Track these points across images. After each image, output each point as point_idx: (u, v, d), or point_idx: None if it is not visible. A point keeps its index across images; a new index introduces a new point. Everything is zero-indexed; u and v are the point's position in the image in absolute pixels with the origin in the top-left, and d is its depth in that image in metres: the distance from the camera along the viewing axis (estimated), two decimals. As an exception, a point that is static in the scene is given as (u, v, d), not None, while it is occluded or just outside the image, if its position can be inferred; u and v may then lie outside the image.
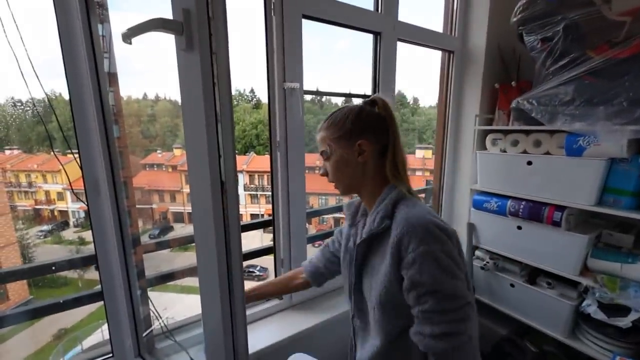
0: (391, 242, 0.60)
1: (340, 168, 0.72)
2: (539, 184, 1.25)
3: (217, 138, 0.48)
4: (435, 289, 0.55)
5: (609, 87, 1.03)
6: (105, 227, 0.91)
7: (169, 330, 1.03)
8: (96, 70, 0.81)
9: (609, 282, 1.09)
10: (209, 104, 0.47)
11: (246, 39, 1.00)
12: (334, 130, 0.72)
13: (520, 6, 1.22)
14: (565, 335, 1.23)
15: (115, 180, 0.89)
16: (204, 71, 0.46)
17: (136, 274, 0.97)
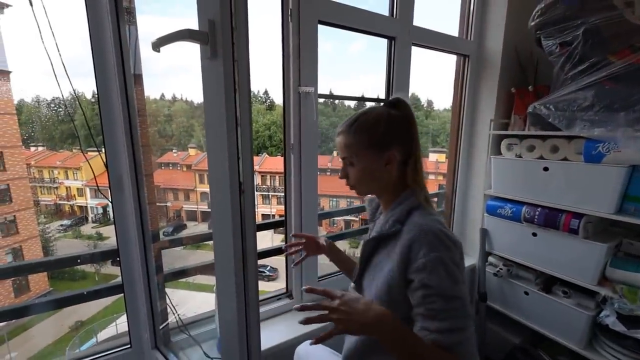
0: (401, 245, 0.64)
1: (365, 175, 0.71)
2: (556, 190, 1.22)
3: (236, 141, 0.51)
4: (443, 292, 0.58)
5: (631, 93, 1.00)
6: (127, 222, 0.95)
7: (184, 325, 1.07)
8: (123, 71, 0.86)
9: (629, 292, 1.06)
10: (230, 108, 0.49)
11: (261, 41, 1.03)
12: (362, 138, 0.69)
13: (539, 10, 1.21)
14: (581, 347, 1.20)
15: (137, 177, 0.93)
16: (226, 78, 0.48)
17: (155, 269, 1.01)
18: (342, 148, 0.73)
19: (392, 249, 0.66)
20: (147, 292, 0.98)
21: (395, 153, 0.69)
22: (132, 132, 0.90)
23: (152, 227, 1.00)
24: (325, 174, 10.39)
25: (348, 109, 11.67)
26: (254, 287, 0.62)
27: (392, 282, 0.64)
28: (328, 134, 11.40)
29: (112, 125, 0.88)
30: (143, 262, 0.97)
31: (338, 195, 9.36)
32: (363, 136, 0.69)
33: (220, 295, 0.68)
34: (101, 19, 0.82)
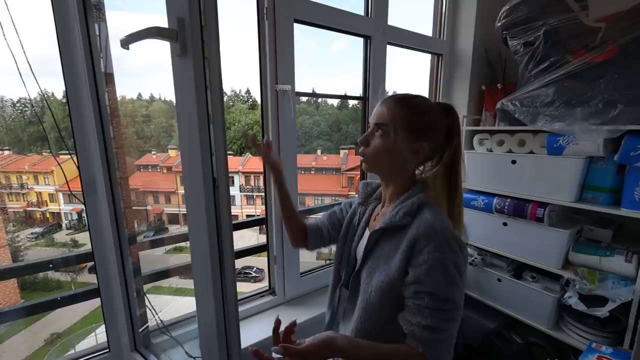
0: (408, 238, 0.64)
1: (387, 152, 0.69)
2: (523, 181, 1.30)
3: (209, 137, 0.51)
4: (434, 292, 0.60)
5: (586, 90, 1.08)
6: (102, 225, 0.93)
7: (165, 326, 1.06)
8: (93, 70, 0.84)
9: (589, 274, 1.14)
10: (201, 105, 0.50)
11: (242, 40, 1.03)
12: (409, 117, 0.67)
13: (504, 12, 1.28)
14: (549, 327, 1.28)
15: (112, 179, 0.91)
16: (197, 76, 0.49)
17: (132, 272, 0.99)
18: (382, 115, 0.69)
19: (400, 241, 0.65)
20: (125, 295, 0.97)
21: (425, 147, 0.68)
22: (105, 132, 0.88)
23: (128, 229, 0.99)
24: (310, 173, 10.41)
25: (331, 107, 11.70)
26: (231, 285, 0.63)
27: (396, 276, 0.64)
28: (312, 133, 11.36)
29: (83, 126, 0.86)
30: (119, 265, 0.95)
31: (324, 193, 9.40)
32: (411, 116, 0.67)
33: (198, 295, 0.69)
34: (68, 15, 0.80)
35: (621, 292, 1.06)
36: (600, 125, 1.03)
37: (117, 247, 0.95)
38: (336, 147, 10.50)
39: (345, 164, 9.64)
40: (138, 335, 1.00)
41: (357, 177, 1.71)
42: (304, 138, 10.96)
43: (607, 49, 1.03)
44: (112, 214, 0.92)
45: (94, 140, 0.87)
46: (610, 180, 1.11)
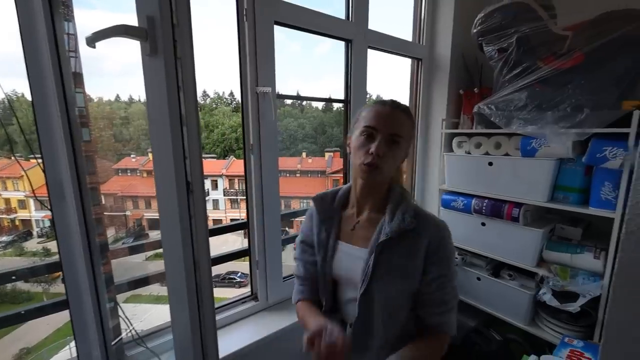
0: (425, 240, 0.67)
1: (395, 161, 0.70)
2: (500, 183, 1.34)
3: (182, 140, 0.50)
4: (451, 279, 0.70)
5: (556, 94, 1.13)
6: (71, 232, 0.88)
7: (140, 337, 1.01)
8: (60, 69, 0.80)
9: (561, 271, 1.18)
10: (173, 107, 0.48)
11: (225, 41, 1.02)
12: (411, 125, 0.71)
13: (480, 19, 1.32)
14: (526, 323, 1.32)
15: (81, 185, 0.87)
16: (168, 76, 0.47)
17: (104, 282, 0.94)
18: (400, 125, 0.69)
19: (413, 244, 0.67)
20: (96, 307, 0.92)
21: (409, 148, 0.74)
22: (73, 135, 0.83)
23: (100, 236, 0.94)
24: (295, 176, 10.37)
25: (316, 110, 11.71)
26: (208, 293, 0.61)
27: (417, 276, 0.67)
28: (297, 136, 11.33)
29: (49, 128, 0.81)
30: (90, 274, 0.90)
31: (309, 196, 9.38)
32: (411, 125, 0.72)
33: (172, 304, 0.66)
34: (33, 11, 0.75)
35: (591, 287, 1.11)
36: (569, 128, 1.08)
37: (88, 255, 0.90)
38: (321, 150, 10.52)
39: (330, 166, 9.67)
40: (110, 349, 0.95)
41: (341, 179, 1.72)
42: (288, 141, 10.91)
43: (573, 56, 1.08)
44: (82, 220, 0.87)
45: (61, 143, 0.82)
46: (579, 180, 1.16)
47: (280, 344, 1.20)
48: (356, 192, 0.75)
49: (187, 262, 0.56)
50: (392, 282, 0.67)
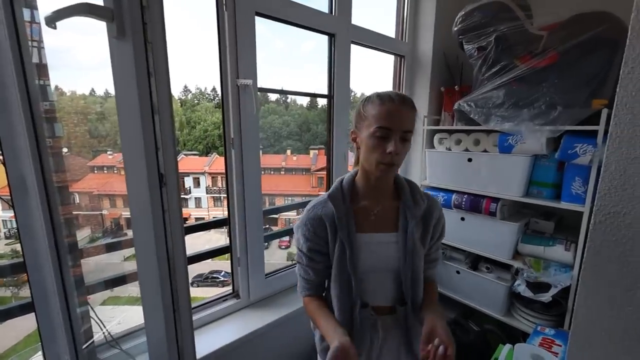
0: (434, 213, 0.81)
1: (407, 152, 0.75)
2: (478, 178, 1.37)
3: (153, 130, 0.47)
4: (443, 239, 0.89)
5: (531, 92, 1.17)
6: (35, 232, 0.82)
7: (114, 339, 0.97)
8: (21, 59, 0.74)
9: (535, 263, 1.23)
10: (144, 94, 0.46)
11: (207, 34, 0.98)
12: (415, 117, 0.73)
13: (460, 17, 1.34)
14: (502, 314, 1.37)
15: (47, 182, 0.81)
16: (137, 60, 0.45)
17: (73, 283, 0.89)
18: (408, 121, 0.70)
19: (428, 219, 0.80)
20: (65, 309, 0.87)
21: None
22: (37, 130, 0.78)
23: (69, 238, 0.89)
24: (280, 174, 10.28)
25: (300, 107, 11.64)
26: (184, 293, 0.59)
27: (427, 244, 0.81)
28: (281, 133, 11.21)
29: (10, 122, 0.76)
30: (58, 277, 0.85)
31: (293, 194, 9.34)
32: (416, 116, 0.73)
33: (146, 306, 0.63)
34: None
35: (562, 278, 1.16)
36: (543, 125, 1.12)
37: (55, 256, 0.84)
38: (306, 148, 10.48)
39: (315, 164, 9.66)
40: (81, 352, 0.90)
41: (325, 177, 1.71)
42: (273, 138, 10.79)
43: (548, 56, 1.12)
44: (48, 220, 0.82)
45: (23, 138, 0.76)
46: (552, 176, 1.21)
47: (263, 341, 1.19)
48: (370, 186, 0.79)
49: (160, 259, 0.54)
50: (420, 253, 0.79)
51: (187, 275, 0.58)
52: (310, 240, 0.77)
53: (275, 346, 1.25)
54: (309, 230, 0.77)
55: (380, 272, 0.78)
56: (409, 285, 0.77)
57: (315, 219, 0.77)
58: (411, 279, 0.77)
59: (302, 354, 1.37)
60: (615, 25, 1.02)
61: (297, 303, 1.28)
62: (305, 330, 0.77)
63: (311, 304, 0.80)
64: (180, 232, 0.55)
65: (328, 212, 0.76)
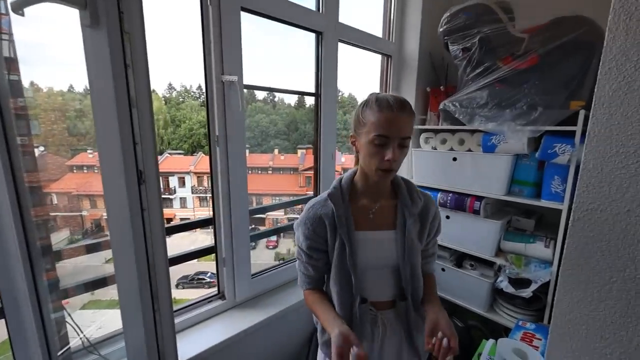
0: (430, 212, 0.83)
1: (405, 155, 0.76)
2: (463, 177, 1.40)
3: (131, 124, 0.45)
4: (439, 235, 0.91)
5: (513, 93, 1.20)
6: (5, 235, 0.78)
7: (92, 345, 0.93)
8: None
9: (516, 260, 1.27)
10: (120, 86, 0.43)
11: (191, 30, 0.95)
12: (413, 121, 0.74)
13: (445, 18, 1.36)
14: (485, 310, 1.40)
15: (17, 183, 0.76)
16: (113, 51, 0.42)
17: (47, 287, 0.85)
18: (406, 128, 0.70)
19: (424, 216, 0.82)
20: (38, 314, 0.82)
21: None
22: (6, 127, 0.73)
23: (43, 240, 0.84)
24: (267, 173, 10.20)
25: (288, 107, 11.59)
26: (165, 295, 0.57)
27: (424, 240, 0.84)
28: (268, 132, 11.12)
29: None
30: (30, 280, 0.80)
31: (281, 193, 9.28)
32: (414, 119, 0.74)
33: (124, 308, 0.60)
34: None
35: (542, 274, 1.20)
36: (524, 125, 1.15)
37: (27, 259, 0.80)
38: (293, 147, 10.44)
39: (303, 163, 9.64)
40: (56, 359, 0.86)
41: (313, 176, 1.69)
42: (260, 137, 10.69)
43: (529, 58, 1.15)
44: (19, 221, 0.77)
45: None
46: (532, 175, 1.25)
47: (249, 342, 1.17)
48: (368, 186, 0.81)
49: (139, 261, 0.52)
50: (418, 249, 0.81)
51: (169, 276, 0.56)
52: (310, 239, 0.79)
53: (262, 347, 1.24)
54: (309, 229, 0.79)
55: (380, 268, 0.80)
56: (409, 281, 0.79)
57: (315, 218, 0.78)
58: (410, 275, 0.79)
59: (290, 354, 1.35)
60: (592, 29, 1.06)
61: (284, 303, 1.27)
62: (293, 330, 0.77)
63: (311, 296, 0.83)
64: (161, 232, 0.53)
65: (327, 211, 0.78)
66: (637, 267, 0.50)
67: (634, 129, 0.48)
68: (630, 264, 0.50)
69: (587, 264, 0.55)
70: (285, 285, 1.41)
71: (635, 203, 0.48)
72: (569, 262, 0.57)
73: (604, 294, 0.54)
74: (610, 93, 0.49)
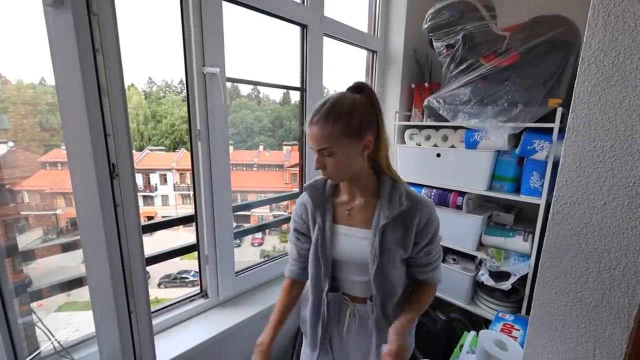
0: (417, 217, 0.76)
1: (345, 165, 0.72)
2: (446, 173, 1.42)
3: (101, 113, 0.42)
4: (437, 244, 0.82)
5: (495, 90, 1.22)
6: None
7: (64, 349, 0.88)
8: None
9: (497, 253, 1.30)
10: (88, 73, 0.40)
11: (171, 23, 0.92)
12: (341, 127, 0.69)
13: (430, 15, 1.37)
14: (466, 303, 1.43)
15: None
16: (80, 35, 0.39)
17: (13, 290, 0.79)
18: (320, 139, 0.70)
19: (406, 222, 0.76)
20: (3, 319, 0.77)
21: (370, 139, 0.72)
22: None
23: (8, 239, 0.78)
24: (252, 170, 10.06)
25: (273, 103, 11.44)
26: (142, 295, 0.54)
27: (409, 248, 0.78)
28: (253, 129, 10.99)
29: None
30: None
31: (266, 190, 9.19)
32: (341, 125, 0.69)
33: (96, 311, 0.57)
34: None
35: (520, 267, 1.24)
36: (505, 122, 1.18)
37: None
38: (279, 144, 10.34)
39: (289, 160, 9.57)
40: (25, 365, 0.81)
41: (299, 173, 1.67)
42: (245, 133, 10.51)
43: (510, 55, 1.17)
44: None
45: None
46: (512, 171, 1.28)
47: (232, 341, 1.14)
48: (344, 184, 0.82)
49: (112, 259, 0.49)
50: (395, 254, 0.77)
51: (145, 275, 0.53)
52: (297, 222, 0.86)
53: (246, 346, 1.22)
54: (297, 213, 0.86)
55: (352, 264, 0.80)
56: (377, 283, 0.77)
57: (302, 203, 0.84)
58: (380, 278, 0.77)
59: (275, 352, 1.34)
60: (570, 28, 1.09)
61: (269, 301, 1.25)
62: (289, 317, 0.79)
63: (283, 289, 0.88)
64: (137, 229, 0.50)
65: None
66: (612, 258, 0.51)
67: (610, 125, 0.49)
68: (606, 255, 0.52)
69: (565, 256, 0.56)
70: (271, 282, 1.39)
71: (611, 196, 0.50)
72: (548, 254, 0.59)
73: (580, 284, 0.55)
74: (589, 89, 0.50)
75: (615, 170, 0.49)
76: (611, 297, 0.52)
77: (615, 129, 0.49)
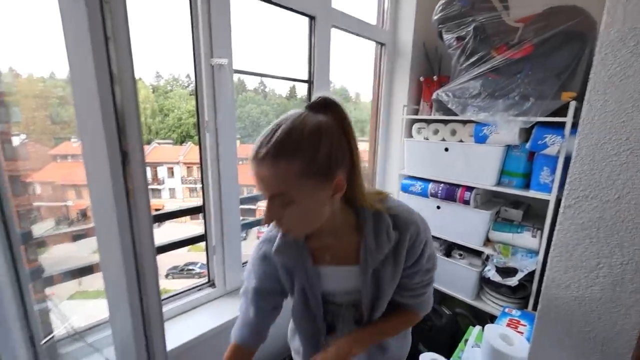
0: (405, 243, 0.63)
1: (308, 214, 0.54)
2: (454, 168, 1.41)
3: (113, 102, 0.42)
4: (427, 267, 0.68)
5: (506, 83, 1.20)
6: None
7: (78, 333, 0.91)
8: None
9: (504, 249, 1.29)
10: (100, 61, 0.41)
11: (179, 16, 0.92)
12: (299, 165, 0.49)
13: (440, 6, 1.34)
14: (472, 298, 1.43)
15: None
16: (92, 22, 0.39)
17: (28, 275, 0.82)
18: (270, 182, 0.50)
19: (397, 250, 0.63)
20: (20, 303, 0.80)
21: (342, 177, 0.54)
22: None
23: (20, 226, 0.81)
24: (258, 163, 10.10)
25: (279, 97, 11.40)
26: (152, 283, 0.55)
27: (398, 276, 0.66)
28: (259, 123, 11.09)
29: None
30: (10, 267, 0.78)
31: (272, 184, 9.22)
32: (301, 163, 0.49)
33: (110, 297, 0.59)
34: None
35: (528, 263, 1.23)
36: (516, 116, 1.16)
37: (7, 247, 0.77)
38: (285, 137, 10.34)
39: (295, 154, 9.56)
40: (40, 347, 0.84)
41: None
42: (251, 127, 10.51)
43: (523, 47, 1.15)
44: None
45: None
46: (522, 166, 1.26)
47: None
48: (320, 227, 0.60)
49: (125, 247, 0.50)
50: (391, 287, 0.67)
51: (155, 261, 0.54)
52: (259, 279, 0.68)
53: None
54: (263, 272, 0.68)
55: (341, 295, 0.71)
56: (368, 315, 0.69)
57: (267, 260, 0.67)
58: (372, 306, 0.68)
59: (279, 340, 1.36)
60: (585, 19, 1.06)
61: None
62: (281, 318, 0.77)
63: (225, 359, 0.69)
64: (148, 216, 0.51)
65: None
66: (624, 253, 0.51)
67: (627, 117, 0.48)
68: (618, 250, 0.51)
69: (575, 251, 0.55)
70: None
71: (626, 190, 0.49)
72: (558, 248, 0.58)
73: (591, 279, 0.55)
74: (606, 79, 0.49)
75: (631, 163, 0.48)
76: (622, 293, 0.52)
77: (632, 121, 0.47)
